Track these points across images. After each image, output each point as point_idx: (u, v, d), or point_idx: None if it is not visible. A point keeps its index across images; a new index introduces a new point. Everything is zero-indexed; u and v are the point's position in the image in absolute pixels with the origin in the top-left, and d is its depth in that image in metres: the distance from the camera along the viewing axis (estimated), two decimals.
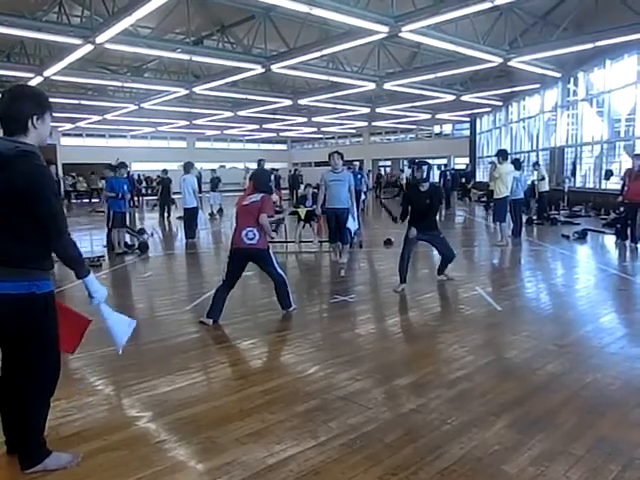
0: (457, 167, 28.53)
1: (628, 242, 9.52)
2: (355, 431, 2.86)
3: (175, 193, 14.98)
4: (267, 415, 3.06)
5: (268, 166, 27.11)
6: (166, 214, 16.47)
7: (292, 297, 5.33)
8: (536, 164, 15.07)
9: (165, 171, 17.04)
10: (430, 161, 7.21)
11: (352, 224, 8.34)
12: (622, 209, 10.36)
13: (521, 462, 2.53)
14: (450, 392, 3.39)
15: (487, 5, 9.10)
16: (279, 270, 5.20)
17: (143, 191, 27.28)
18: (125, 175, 10.42)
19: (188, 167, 11.38)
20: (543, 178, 14.10)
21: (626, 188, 9.73)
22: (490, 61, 13.51)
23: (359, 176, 15.77)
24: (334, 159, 8.06)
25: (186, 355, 4.15)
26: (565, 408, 3.12)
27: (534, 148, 21.97)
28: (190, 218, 11.23)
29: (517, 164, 10.94)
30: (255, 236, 4.95)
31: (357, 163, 17.69)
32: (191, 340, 4.60)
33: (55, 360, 2.48)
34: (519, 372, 3.74)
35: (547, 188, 14.21)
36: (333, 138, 40.59)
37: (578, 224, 12.65)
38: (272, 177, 5.90)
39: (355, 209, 10.29)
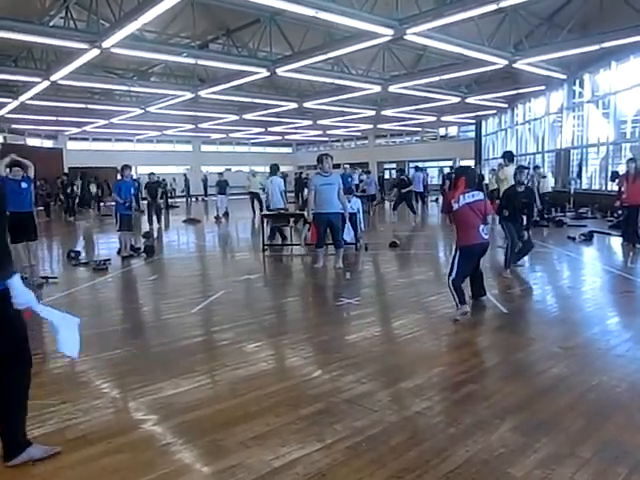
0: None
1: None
2: (361, 434, 2.86)
3: (171, 197, 14.45)
4: (272, 418, 3.06)
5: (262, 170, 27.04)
6: (155, 219, 14.94)
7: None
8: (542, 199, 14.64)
9: (152, 174, 15.81)
10: (435, 163, 7.38)
11: (347, 234, 8.13)
12: (620, 212, 10.38)
13: (527, 465, 2.52)
14: (455, 395, 3.38)
15: (492, 7, 9.09)
16: None
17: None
18: (130, 178, 10.44)
19: (275, 169, 11.40)
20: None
21: (624, 191, 9.74)
22: (495, 63, 13.49)
23: (350, 179, 15.94)
24: (328, 162, 7.71)
25: (191, 358, 4.16)
26: (571, 411, 3.10)
27: (540, 150, 21.91)
28: None
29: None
30: (487, 232, 5.42)
31: (347, 166, 17.68)
32: (196, 343, 4.62)
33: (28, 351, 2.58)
34: (525, 375, 3.73)
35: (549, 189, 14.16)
36: (338, 141, 40.67)
37: (584, 226, 12.58)
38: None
39: (361, 212, 10.32)
